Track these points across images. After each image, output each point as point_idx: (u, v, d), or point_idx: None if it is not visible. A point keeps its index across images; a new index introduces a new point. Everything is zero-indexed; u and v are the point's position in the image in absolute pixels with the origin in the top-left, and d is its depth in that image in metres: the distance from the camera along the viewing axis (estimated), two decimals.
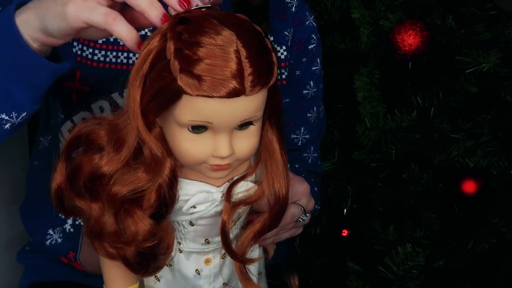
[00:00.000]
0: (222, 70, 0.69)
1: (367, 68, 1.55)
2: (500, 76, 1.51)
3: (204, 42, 0.69)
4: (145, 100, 0.73)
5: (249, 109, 0.72)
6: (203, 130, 0.74)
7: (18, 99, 0.84)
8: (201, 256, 0.88)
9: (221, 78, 0.69)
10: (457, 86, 1.52)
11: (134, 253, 0.79)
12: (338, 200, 1.63)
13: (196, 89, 0.69)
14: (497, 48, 1.49)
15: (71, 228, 1.11)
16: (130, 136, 0.75)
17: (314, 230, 1.66)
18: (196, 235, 0.85)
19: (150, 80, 0.72)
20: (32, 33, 0.80)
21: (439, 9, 1.54)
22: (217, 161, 0.76)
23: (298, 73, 1.17)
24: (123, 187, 0.76)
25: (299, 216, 0.98)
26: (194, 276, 0.88)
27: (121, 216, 0.77)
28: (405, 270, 1.50)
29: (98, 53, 1.04)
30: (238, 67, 0.69)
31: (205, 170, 0.78)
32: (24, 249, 1.24)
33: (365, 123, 1.53)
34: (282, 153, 0.80)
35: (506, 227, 1.52)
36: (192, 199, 0.81)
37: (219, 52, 0.69)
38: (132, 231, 0.77)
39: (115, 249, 0.80)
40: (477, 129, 1.55)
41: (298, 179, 0.99)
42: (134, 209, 0.77)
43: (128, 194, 0.77)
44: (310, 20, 1.18)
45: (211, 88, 0.69)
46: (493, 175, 1.52)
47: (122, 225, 0.78)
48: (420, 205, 1.56)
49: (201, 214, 0.82)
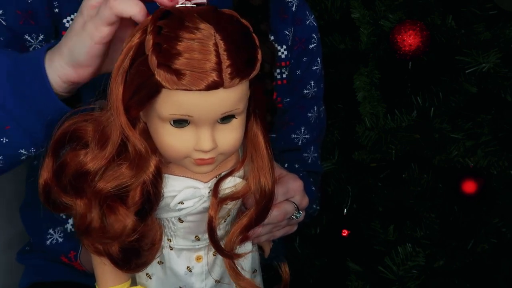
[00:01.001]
0: (200, 63, 0.69)
1: (367, 68, 1.55)
2: (500, 76, 1.51)
3: (183, 36, 0.70)
4: (127, 96, 0.73)
5: (229, 101, 0.73)
6: (185, 124, 0.74)
7: (40, 137, 0.86)
8: (192, 253, 0.88)
9: (199, 71, 0.69)
10: (457, 86, 1.52)
11: (117, 249, 0.80)
12: (338, 200, 1.63)
13: (175, 83, 0.70)
14: (497, 48, 1.49)
15: (72, 228, 1.11)
16: (114, 132, 0.76)
17: (314, 230, 1.66)
18: (186, 232, 0.85)
19: (130, 76, 0.73)
20: (61, 72, 0.83)
21: (439, 9, 1.54)
22: (200, 155, 0.76)
23: (298, 72, 1.16)
24: (107, 183, 0.76)
25: (292, 213, 0.98)
26: (186, 273, 0.88)
27: (105, 213, 0.78)
28: (405, 270, 1.50)
29: None
30: (216, 60, 0.69)
31: (190, 164, 0.78)
32: (24, 249, 1.24)
33: (365, 123, 1.53)
34: (267, 147, 0.81)
35: (506, 227, 1.52)
36: (179, 195, 0.81)
37: (197, 46, 0.69)
38: (115, 227, 0.77)
39: (101, 245, 0.80)
40: (477, 129, 1.54)
41: (291, 176, 0.99)
42: (118, 206, 0.77)
43: (113, 190, 0.77)
44: (310, 20, 1.18)
45: (189, 82, 0.69)
46: (493, 175, 1.52)
47: (106, 221, 0.78)
48: (420, 205, 1.56)
49: (189, 210, 0.83)
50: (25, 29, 1.00)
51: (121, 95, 0.73)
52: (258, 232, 0.92)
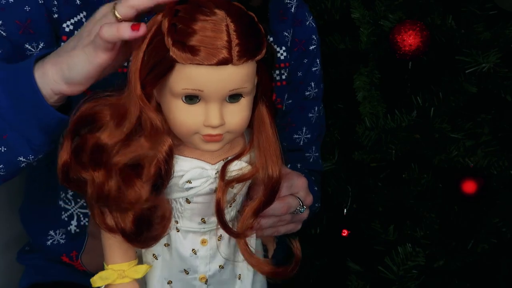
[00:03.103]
0: (212, 40, 0.76)
1: (367, 68, 1.55)
2: (500, 76, 1.51)
3: (198, 18, 0.77)
4: (144, 73, 0.80)
5: (237, 78, 0.79)
6: (195, 100, 0.80)
7: (38, 143, 0.90)
8: (198, 236, 0.91)
9: (211, 47, 0.76)
10: (457, 86, 1.52)
11: (131, 221, 0.83)
12: (338, 200, 1.63)
13: (188, 58, 0.77)
14: (497, 48, 1.48)
15: (76, 229, 1.11)
16: (133, 108, 0.81)
17: (314, 230, 1.66)
18: (193, 213, 0.89)
19: (147, 54, 0.79)
20: (54, 86, 0.86)
21: (439, 9, 1.53)
22: (209, 131, 0.81)
23: (300, 74, 1.17)
24: (124, 156, 0.82)
25: (296, 207, 0.98)
26: (191, 255, 0.91)
27: (122, 184, 0.82)
28: (405, 270, 1.50)
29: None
30: (227, 39, 0.77)
31: (199, 141, 0.83)
32: (24, 249, 1.24)
33: (365, 123, 1.53)
34: (274, 132, 0.86)
35: (506, 227, 1.52)
36: (187, 174, 0.86)
37: (210, 26, 0.77)
38: (131, 196, 0.82)
39: (115, 218, 0.84)
40: (477, 129, 1.54)
41: (296, 173, 1.00)
42: (133, 178, 0.82)
43: (129, 163, 0.82)
44: (310, 21, 1.18)
45: (202, 57, 0.76)
46: (493, 175, 1.52)
47: (123, 191, 0.82)
48: (420, 205, 1.56)
49: (196, 190, 0.87)
50: (25, 39, 1.01)
51: (139, 72, 0.80)
52: (262, 223, 0.93)
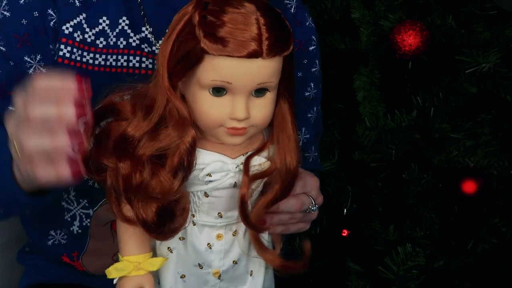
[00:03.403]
0: (243, 33, 0.77)
1: (367, 68, 1.55)
2: (500, 76, 1.51)
3: (228, 10, 0.78)
4: (172, 64, 0.81)
5: (265, 72, 0.80)
6: (222, 92, 0.80)
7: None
8: (214, 231, 0.91)
9: (242, 39, 0.77)
10: (457, 86, 1.52)
11: (153, 213, 0.84)
12: (338, 200, 1.63)
13: (219, 50, 0.77)
14: (497, 48, 1.48)
15: (78, 229, 1.11)
16: (160, 98, 0.82)
17: (314, 230, 1.66)
18: (210, 207, 0.89)
19: (177, 45, 0.80)
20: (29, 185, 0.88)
21: (439, 9, 1.53)
22: (234, 124, 0.82)
23: (300, 75, 1.16)
24: (151, 146, 0.82)
25: (309, 205, 0.99)
26: (206, 249, 0.91)
27: (147, 174, 0.83)
28: (405, 270, 1.50)
29: (99, 57, 1.04)
30: (257, 32, 0.77)
31: (223, 134, 0.83)
32: (24, 250, 1.24)
33: (365, 123, 1.53)
34: (294, 128, 0.87)
35: (506, 227, 1.52)
36: (208, 167, 0.86)
37: (240, 18, 0.78)
38: (157, 187, 0.83)
39: (136, 208, 0.84)
40: (477, 129, 1.54)
41: (308, 173, 1.01)
42: (159, 168, 0.83)
43: (155, 153, 0.83)
44: (309, 22, 1.18)
45: (232, 49, 0.77)
46: (493, 175, 1.52)
47: (148, 181, 0.83)
48: (420, 205, 1.56)
49: (216, 184, 0.87)
50: (24, 52, 1.02)
51: (167, 63, 0.81)
52: (275, 219, 0.94)
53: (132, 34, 1.05)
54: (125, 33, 1.04)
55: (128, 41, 1.04)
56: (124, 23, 1.05)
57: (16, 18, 1.01)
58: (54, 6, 1.02)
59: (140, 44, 1.05)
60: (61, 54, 1.03)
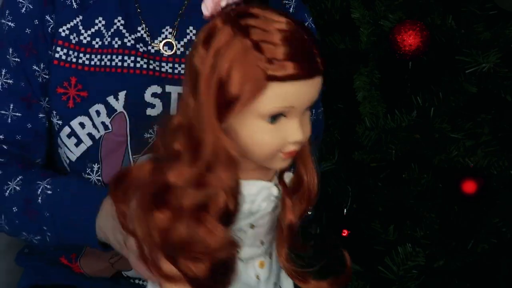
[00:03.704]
0: (301, 52, 0.72)
1: (367, 68, 1.55)
2: (500, 76, 1.51)
3: (273, 29, 0.72)
4: (221, 100, 0.73)
5: (318, 89, 0.75)
6: (280, 117, 0.74)
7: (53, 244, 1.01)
8: (256, 260, 0.84)
9: (302, 59, 0.72)
10: (457, 86, 1.52)
11: (208, 266, 0.74)
12: (338, 200, 1.63)
13: (286, 73, 0.71)
14: (497, 48, 1.49)
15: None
16: (207, 140, 0.74)
17: (314, 230, 1.65)
18: (255, 238, 0.82)
19: (225, 79, 0.72)
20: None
21: (439, 9, 1.53)
22: (293, 147, 0.76)
23: None
24: (197, 194, 0.74)
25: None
26: (256, 282, 0.84)
27: (192, 225, 0.73)
28: (405, 270, 1.50)
29: (94, 57, 1.04)
30: (311, 49, 0.73)
31: (277, 160, 0.77)
32: (23, 251, 1.24)
33: (365, 123, 1.53)
34: (309, 143, 0.81)
35: (506, 227, 1.52)
36: (257, 198, 0.79)
37: (291, 37, 0.72)
38: (206, 241, 0.74)
39: (183, 265, 0.74)
40: (477, 129, 1.54)
41: None
42: (206, 216, 0.73)
43: (200, 202, 0.74)
44: (309, 22, 1.18)
45: (297, 71, 0.72)
46: (493, 175, 1.52)
47: (194, 235, 0.74)
48: (420, 205, 1.56)
49: (263, 212, 0.80)
50: (32, 60, 1.04)
51: (214, 100, 0.72)
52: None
53: (127, 34, 1.05)
54: (120, 33, 1.05)
55: (123, 41, 1.04)
56: (119, 23, 1.05)
57: (20, 27, 1.03)
58: (53, 11, 1.03)
59: (135, 44, 1.05)
60: (57, 56, 1.04)
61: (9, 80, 1.04)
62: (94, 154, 1.05)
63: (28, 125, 1.05)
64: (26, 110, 1.05)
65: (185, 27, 1.06)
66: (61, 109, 1.05)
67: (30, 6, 1.04)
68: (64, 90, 1.04)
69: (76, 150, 1.05)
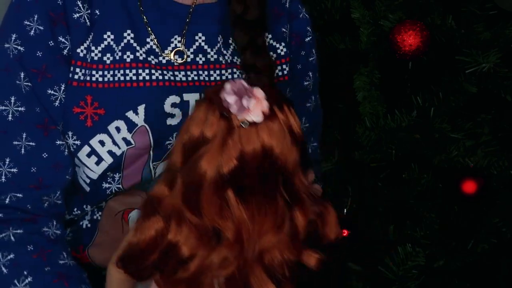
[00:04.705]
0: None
1: (367, 68, 1.55)
2: (500, 76, 1.51)
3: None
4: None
5: None
6: None
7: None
8: None
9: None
10: (457, 86, 1.52)
11: None
12: (338, 200, 1.63)
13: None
14: (497, 48, 1.49)
15: (88, 224, 1.10)
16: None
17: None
18: None
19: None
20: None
21: (439, 9, 1.54)
22: None
23: (299, 67, 1.17)
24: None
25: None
26: None
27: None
28: (405, 270, 1.50)
29: (107, 74, 1.02)
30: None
31: None
32: None
33: (365, 123, 1.53)
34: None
35: (506, 227, 1.52)
36: None
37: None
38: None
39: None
40: (477, 129, 1.55)
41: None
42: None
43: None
44: (303, 13, 1.18)
45: None
46: (493, 175, 1.52)
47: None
48: (420, 205, 1.56)
49: None
50: (45, 85, 1.00)
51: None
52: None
53: (138, 48, 1.03)
54: (131, 47, 1.02)
55: (135, 55, 1.02)
56: (129, 36, 1.03)
57: (30, 51, 0.99)
58: (67, 32, 1.01)
59: (147, 56, 1.03)
60: (76, 77, 1.02)
61: (21, 108, 0.99)
62: (115, 168, 1.03)
63: (44, 154, 1.00)
64: (42, 138, 1.00)
65: (193, 34, 1.06)
66: (79, 129, 1.02)
67: (39, 28, 1.00)
68: (81, 109, 1.01)
69: (97, 168, 1.03)
